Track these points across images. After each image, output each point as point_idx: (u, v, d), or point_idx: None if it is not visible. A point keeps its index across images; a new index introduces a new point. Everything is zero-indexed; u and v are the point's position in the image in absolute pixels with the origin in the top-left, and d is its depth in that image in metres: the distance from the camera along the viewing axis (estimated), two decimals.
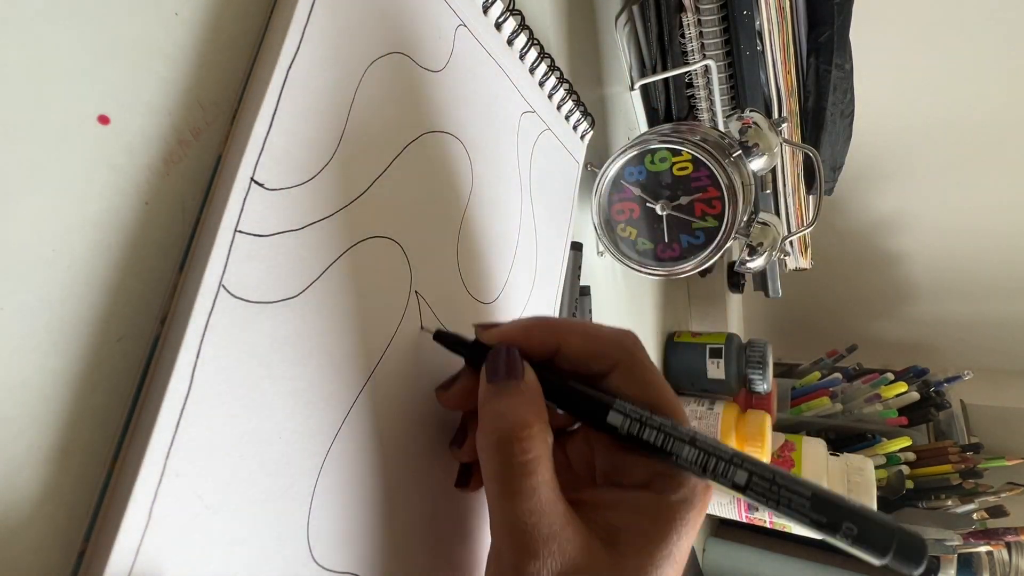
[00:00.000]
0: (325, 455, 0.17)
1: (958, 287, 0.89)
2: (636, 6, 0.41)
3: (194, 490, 0.13)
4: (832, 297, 0.98)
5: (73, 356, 0.12)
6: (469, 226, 0.23)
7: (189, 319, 0.13)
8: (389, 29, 0.19)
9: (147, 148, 0.14)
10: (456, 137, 0.23)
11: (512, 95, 0.26)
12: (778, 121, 0.34)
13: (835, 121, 0.42)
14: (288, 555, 0.15)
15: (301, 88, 0.16)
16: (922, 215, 0.83)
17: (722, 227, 0.34)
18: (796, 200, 0.48)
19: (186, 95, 0.15)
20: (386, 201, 0.19)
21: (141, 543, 0.12)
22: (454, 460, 0.21)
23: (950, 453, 0.62)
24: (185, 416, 0.13)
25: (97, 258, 0.13)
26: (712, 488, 0.17)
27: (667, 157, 0.35)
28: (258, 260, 0.15)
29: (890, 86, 0.68)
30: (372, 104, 0.18)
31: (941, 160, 0.76)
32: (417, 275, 0.21)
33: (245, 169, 0.14)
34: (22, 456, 0.12)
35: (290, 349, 0.16)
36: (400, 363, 0.20)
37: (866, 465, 0.50)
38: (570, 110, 0.31)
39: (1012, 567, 0.59)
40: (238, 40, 0.16)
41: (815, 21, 0.39)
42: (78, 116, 0.12)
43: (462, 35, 0.23)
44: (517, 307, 0.27)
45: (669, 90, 0.43)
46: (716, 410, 0.50)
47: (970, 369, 0.71)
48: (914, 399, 0.69)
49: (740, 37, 0.38)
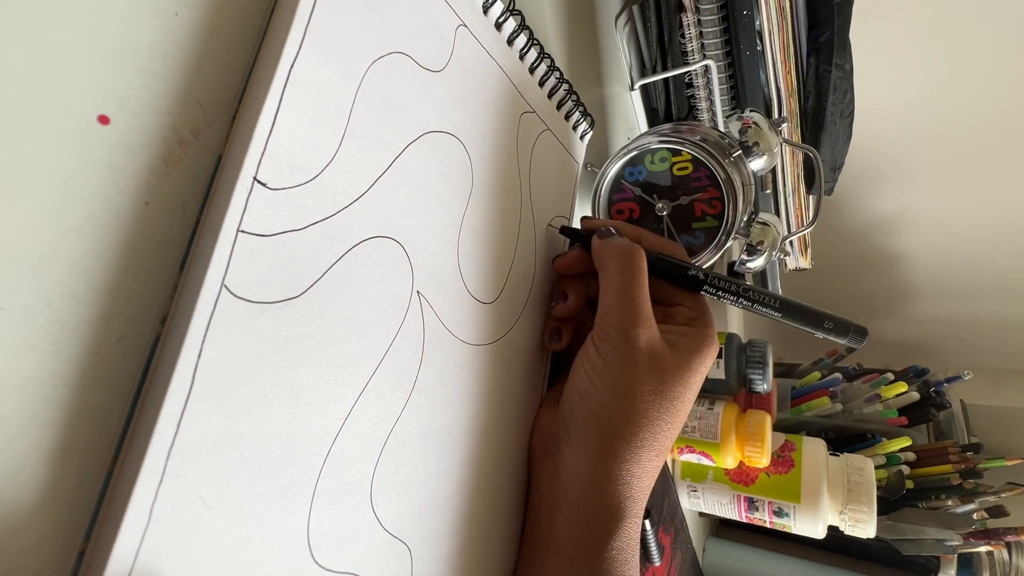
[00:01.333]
0: (326, 455, 0.17)
1: (958, 287, 0.89)
2: (636, 6, 0.41)
3: (194, 490, 0.13)
4: (832, 297, 0.98)
5: (73, 356, 0.12)
6: (470, 226, 0.23)
7: (191, 319, 0.13)
8: (390, 29, 0.19)
9: (147, 148, 0.14)
10: (456, 137, 0.23)
11: (512, 95, 0.26)
12: (778, 121, 0.34)
13: (835, 121, 0.42)
14: (288, 555, 0.15)
15: (303, 88, 0.16)
16: (922, 215, 0.83)
17: (722, 227, 0.34)
18: (796, 200, 0.48)
19: (186, 95, 0.15)
20: (388, 201, 0.19)
21: (141, 543, 0.12)
22: (553, 319, 0.28)
23: (950, 453, 0.62)
24: (186, 416, 0.13)
25: (97, 258, 0.13)
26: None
27: (667, 157, 0.35)
28: (260, 260, 0.15)
29: (890, 86, 0.68)
30: (373, 104, 0.18)
31: (941, 160, 0.76)
32: (419, 275, 0.21)
33: (248, 168, 0.14)
34: (22, 456, 0.12)
35: (292, 349, 0.16)
36: (402, 363, 0.20)
37: (866, 465, 0.50)
38: (570, 110, 0.31)
39: (1012, 567, 0.59)
40: (238, 40, 0.16)
41: (815, 21, 0.39)
42: (78, 116, 0.12)
43: (462, 35, 0.23)
44: (518, 307, 0.27)
45: (669, 90, 0.43)
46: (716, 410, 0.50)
47: (970, 369, 0.71)
48: (914, 399, 0.69)
49: (740, 37, 0.38)
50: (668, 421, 0.24)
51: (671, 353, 0.24)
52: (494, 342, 0.25)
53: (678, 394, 0.24)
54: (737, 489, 0.53)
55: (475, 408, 0.23)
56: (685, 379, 0.24)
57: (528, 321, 0.28)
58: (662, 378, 0.23)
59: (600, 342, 0.24)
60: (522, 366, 0.27)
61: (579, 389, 0.24)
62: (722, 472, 0.53)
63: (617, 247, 0.26)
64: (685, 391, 0.24)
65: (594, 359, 0.24)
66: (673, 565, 0.52)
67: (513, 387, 0.26)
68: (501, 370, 0.25)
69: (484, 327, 0.24)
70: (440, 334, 0.22)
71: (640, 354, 0.23)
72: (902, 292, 0.93)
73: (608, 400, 0.23)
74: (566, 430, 0.24)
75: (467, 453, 0.23)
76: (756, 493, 0.52)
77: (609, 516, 0.22)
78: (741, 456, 0.43)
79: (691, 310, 0.26)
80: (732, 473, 0.53)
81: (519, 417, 0.27)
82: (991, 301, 0.87)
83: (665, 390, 0.23)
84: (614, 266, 0.25)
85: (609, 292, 0.25)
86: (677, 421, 0.24)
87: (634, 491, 0.23)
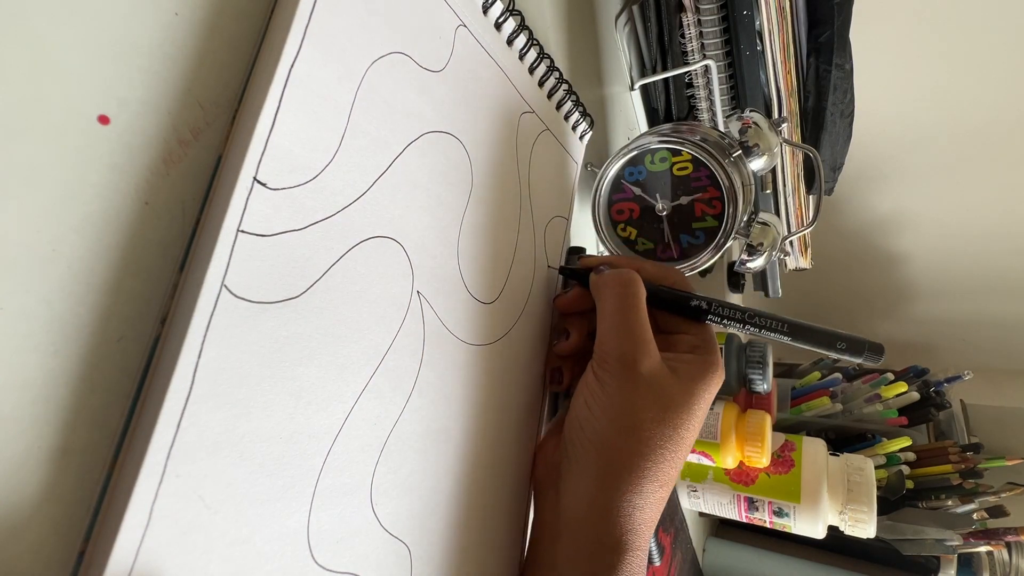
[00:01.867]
0: (326, 456, 0.17)
1: (958, 287, 0.89)
2: (636, 6, 0.41)
3: (195, 490, 0.13)
4: (832, 297, 0.98)
5: (73, 356, 0.12)
6: (469, 226, 0.23)
7: (191, 319, 0.13)
8: (390, 29, 0.19)
9: (147, 148, 0.14)
10: (456, 137, 0.23)
11: (512, 95, 0.26)
12: (778, 121, 0.34)
13: (835, 121, 0.42)
14: (288, 555, 0.15)
15: (303, 88, 0.16)
16: (922, 215, 0.83)
17: (722, 227, 0.34)
18: (796, 200, 0.48)
19: (186, 95, 0.15)
20: (387, 201, 0.19)
21: (141, 543, 0.12)
22: (555, 357, 0.29)
23: (950, 453, 0.62)
24: (186, 416, 0.13)
25: (97, 258, 0.13)
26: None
27: (667, 157, 0.35)
28: (260, 260, 0.15)
29: (890, 86, 0.68)
30: (373, 104, 0.18)
31: (941, 160, 0.76)
32: (419, 275, 0.21)
33: (248, 168, 0.14)
34: (22, 456, 0.12)
35: (292, 349, 0.16)
36: (402, 363, 0.20)
37: (866, 465, 0.50)
38: (569, 110, 0.31)
39: (1012, 567, 0.59)
40: (238, 40, 0.16)
41: (815, 21, 0.39)
42: (78, 116, 0.12)
43: (462, 35, 0.23)
44: (518, 307, 0.27)
45: (669, 90, 0.43)
46: (716, 410, 0.50)
47: (970, 369, 0.71)
48: (914, 399, 0.69)
49: (740, 37, 0.38)
50: (672, 450, 0.23)
51: (673, 379, 0.23)
52: (494, 342, 0.25)
53: (681, 421, 0.23)
54: (737, 489, 0.53)
55: (475, 408, 0.23)
56: (689, 406, 0.23)
57: (528, 321, 0.28)
58: (664, 405, 0.22)
59: (599, 369, 0.24)
60: (522, 366, 0.27)
61: (579, 417, 0.24)
62: (722, 472, 0.53)
63: (613, 276, 0.25)
64: (689, 419, 0.23)
65: (593, 387, 0.23)
66: (673, 565, 0.52)
67: (513, 387, 0.26)
68: (501, 370, 0.25)
69: (484, 327, 0.24)
70: (440, 334, 0.22)
71: (640, 380, 0.22)
72: (902, 292, 0.93)
73: (608, 428, 0.22)
74: (567, 459, 0.24)
75: (467, 453, 0.23)
76: (756, 493, 0.52)
77: (610, 550, 0.22)
78: (741, 456, 0.43)
79: (695, 338, 0.26)
80: (732, 473, 0.53)
81: (519, 417, 0.27)
82: (991, 301, 0.87)
83: (668, 417, 0.22)
84: (610, 293, 0.25)
85: (605, 319, 0.24)
86: (682, 450, 0.23)
87: (636, 523, 0.22)
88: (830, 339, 0.24)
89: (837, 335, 0.24)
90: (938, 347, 0.95)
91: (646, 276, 0.27)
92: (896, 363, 0.79)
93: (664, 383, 0.23)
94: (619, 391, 0.23)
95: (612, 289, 0.25)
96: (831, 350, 0.24)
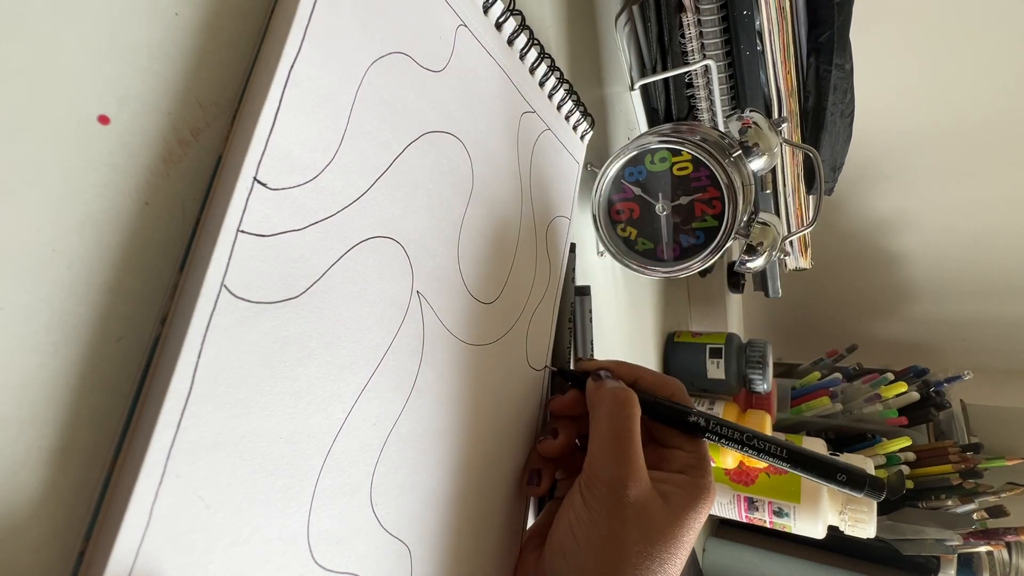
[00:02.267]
0: (326, 456, 0.17)
1: (958, 287, 0.89)
2: (636, 6, 0.41)
3: (195, 490, 0.13)
4: (832, 297, 0.98)
5: (73, 356, 0.12)
6: (470, 226, 0.23)
7: (191, 319, 0.13)
8: (390, 29, 0.19)
9: (147, 148, 0.14)
10: (456, 137, 0.23)
11: (512, 95, 0.26)
12: (778, 121, 0.34)
13: (835, 121, 0.42)
14: (288, 555, 0.15)
15: (303, 88, 0.16)
16: (922, 215, 0.83)
17: (722, 227, 0.34)
18: (796, 200, 0.48)
19: (186, 95, 0.15)
20: (387, 201, 0.19)
21: (141, 543, 0.12)
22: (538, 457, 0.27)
23: (950, 453, 0.62)
24: (186, 416, 0.13)
25: (97, 258, 0.13)
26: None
27: (667, 157, 0.35)
28: (260, 260, 0.15)
29: (890, 86, 0.68)
30: (373, 104, 0.18)
31: (941, 160, 0.76)
32: (418, 275, 0.21)
33: (248, 168, 0.14)
34: (22, 456, 0.12)
35: (292, 350, 0.16)
36: (402, 364, 0.20)
37: (866, 465, 0.50)
38: (570, 110, 0.31)
39: (1012, 567, 0.59)
40: (238, 40, 0.16)
41: (815, 21, 0.39)
42: (78, 116, 0.12)
43: (463, 35, 0.23)
44: (518, 307, 0.27)
45: (669, 90, 0.43)
46: (716, 410, 0.50)
47: (970, 369, 0.71)
48: (914, 399, 0.69)
49: (740, 37, 0.38)
50: None
51: (662, 507, 0.22)
52: (494, 342, 0.25)
53: (669, 555, 0.22)
54: (737, 489, 0.53)
55: (475, 408, 0.23)
56: (676, 537, 0.22)
57: (528, 321, 0.28)
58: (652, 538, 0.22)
59: (587, 491, 0.23)
60: (522, 366, 0.27)
61: (562, 544, 0.23)
62: (722, 472, 0.53)
63: (610, 392, 0.25)
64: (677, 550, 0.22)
65: (579, 510, 0.23)
66: None
67: (513, 387, 0.26)
68: (501, 370, 0.25)
69: (484, 327, 0.24)
70: (440, 334, 0.22)
71: (628, 510, 0.22)
72: (902, 292, 0.93)
73: (592, 563, 0.21)
74: None
75: (467, 452, 0.23)
76: (756, 493, 0.52)
77: None
78: (741, 456, 0.43)
79: (689, 455, 0.25)
80: (732, 473, 0.53)
81: (519, 417, 0.27)
82: (991, 301, 0.87)
83: (654, 552, 0.22)
84: (605, 412, 0.24)
85: (597, 441, 0.24)
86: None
87: None
88: (830, 470, 0.23)
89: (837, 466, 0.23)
90: (938, 347, 0.95)
91: (645, 386, 0.26)
92: (896, 363, 0.79)
93: (652, 512, 0.22)
94: (606, 519, 0.22)
95: (608, 408, 0.24)
96: (831, 481, 0.23)
